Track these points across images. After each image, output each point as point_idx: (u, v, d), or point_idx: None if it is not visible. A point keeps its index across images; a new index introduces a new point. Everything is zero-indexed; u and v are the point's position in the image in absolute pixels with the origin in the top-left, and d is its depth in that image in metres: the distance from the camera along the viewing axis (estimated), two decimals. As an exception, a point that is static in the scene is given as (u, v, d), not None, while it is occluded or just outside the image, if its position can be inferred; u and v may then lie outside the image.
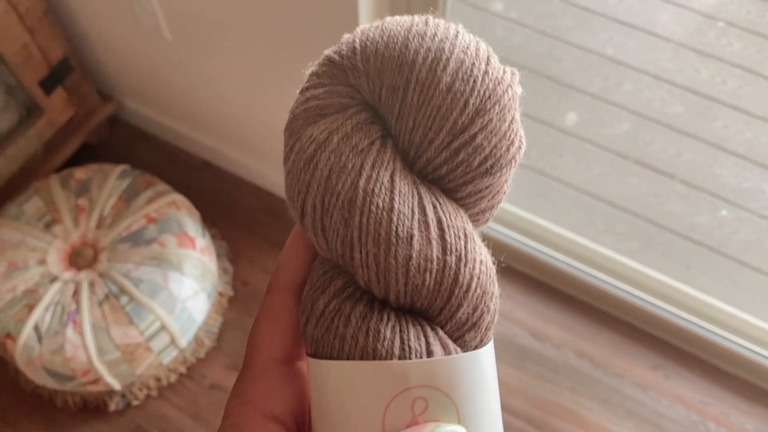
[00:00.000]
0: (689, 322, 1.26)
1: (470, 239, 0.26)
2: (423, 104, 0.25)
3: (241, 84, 1.19)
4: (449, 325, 0.26)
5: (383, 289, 0.25)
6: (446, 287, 0.25)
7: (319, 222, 0.26)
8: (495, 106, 0.26)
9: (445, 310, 0.26)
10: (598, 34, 1.70)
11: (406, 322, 0.26)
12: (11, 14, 1.14)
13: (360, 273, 0.25)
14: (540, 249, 1.32)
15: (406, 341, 0.25)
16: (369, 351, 0.25)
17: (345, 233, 0.25)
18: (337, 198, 0.25)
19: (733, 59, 1.66)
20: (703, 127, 1.57)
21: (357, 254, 0.25)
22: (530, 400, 1.23)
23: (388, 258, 0.25)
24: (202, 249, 1.20)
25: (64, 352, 1.07)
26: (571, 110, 1.59)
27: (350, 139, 0.25)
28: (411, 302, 0.26)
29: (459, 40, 0.26)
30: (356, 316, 0.25)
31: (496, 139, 0.26)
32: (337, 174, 0.25)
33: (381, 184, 0.25)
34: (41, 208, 1.18)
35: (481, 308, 0.26)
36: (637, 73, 1.64)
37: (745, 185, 1.49)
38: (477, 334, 0.27)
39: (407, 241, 0.25)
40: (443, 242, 0.25)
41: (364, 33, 0.27)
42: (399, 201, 0.25)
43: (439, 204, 0.26)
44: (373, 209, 0.24)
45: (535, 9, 1.74)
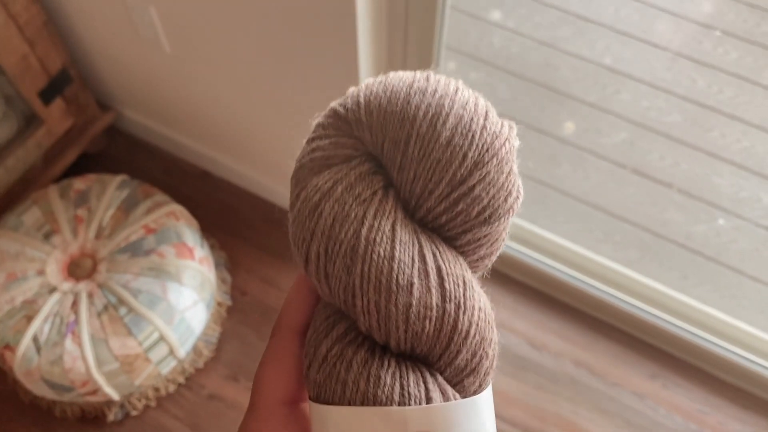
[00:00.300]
0: (687, 332, 1.26)
1: (469, 287, 0.27)
2: (424, 157, 0.26)
3: (240, 94, 1.20)
4: (448, 371, 0.27)
5: (384, 335, 0.26)
6: (445, 334, 0.26)
7: (323, 269, 0.26)
8: (493, 159, 0.27)
9: (444, 356, 0.26)
10: (595, 44, 1.71)
11: (406, 368, 0.26)
12: (11, 25, 1.15)
13: (361, 319, 0.26)
14: (538, 258, 1.32)
15: (406, 387, 0.26)
16: (370, 397, 0.25)
17: (347, 280, 0.26)
18: (340, 246, 0.26)
19: (729, 68, 1.67)
20: (700, 136, 1.57)
21: (359, 301, 0.26)
22: (529, 409, 1.24)
23: (389, 305, 0.25)
24: (201, 259, 1.20)
25: (63, 363, 1.07)
26: (568, 119, 1.60)
27: (353, 189, 0.26)
28: (411, 348, 0.26)
29: (458, 96, 0.27)
30: (358, 362, 0.26)
31: (494, 190, 0.27)
32: (341, 223, 0.26)
33: (383, 233, 0.26)
34: (40, 218, 1.18)
35: (480, 354, 0.27)
36: (635, 82, 1.65)
37: (742, 194, 1.49)
38: (476, 379, 0.27)
39: (407, 289, 0.25)
40: (442, 290, 0.26)
41: (368, 87, 0.28)
42: (400, 250, 0.26)
43: (439, 252, 0.26)
44: (374, 258, 0.25)
45: (533, 18, 1.75)
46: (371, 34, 0.96)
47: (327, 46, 0.97)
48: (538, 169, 1.52)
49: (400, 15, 0.96)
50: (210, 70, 1.18)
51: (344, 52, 0.95)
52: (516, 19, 1.74)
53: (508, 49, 1.70)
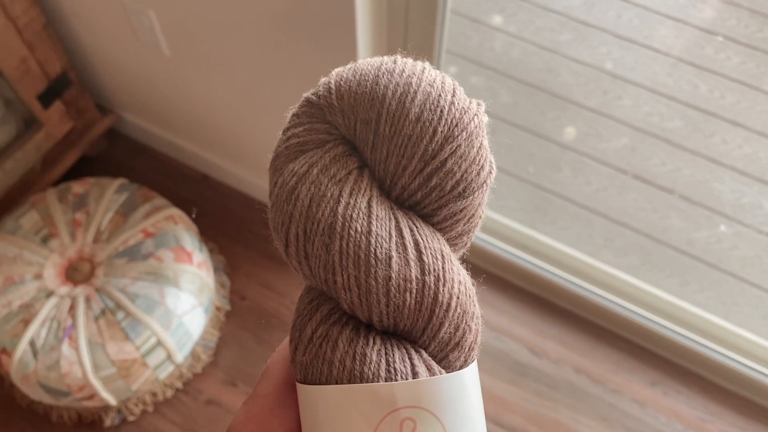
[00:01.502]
0: (688, 339, 1.26)
1: (448, 260, 0.27)
2: (395, 134, 0.27)
3: (239, 98, 1.20)
4: (433, 346, 0.27)
5: (366, 311, 0.26)
6: (427, 307, 0.26)
7: (302, 250, 0.27)
8: (463, 133, 0.27)
9: (427, 330, 0.27)
10: (597, 49, 1.70)
11: (391, 345, 0.26)
12: (10, 28, 1.14)
13: (343, 296, 0.26)
14: (538, 264, 1.32)
15: (392, 363, 0.26)
16: (356, 374, 0.26)
17: (326, 258, 0.26)
18: (317, 225, 0.26)
19: (731, 74, 1.67)
20: (701, 142, 1.57)
21: (339, 278, 0.26)
22: (528, 416, 1.23)
23: (369, 279, 0.26)
24: (199, 264, 1.20)
25: (60, 368, 1.06)
26: (569, 124, 1.60)
27: (329, 170, 0.27)
28: (394, 324, 0.26)
29: (425, 75, 0.28)
30: (343, 341, 0.26)
31: (467, 164, 0.27)
32: (317, 203, 0.26)
33: (359, 210, 0.26)
34: (38, 222, 1.18)
35: (463, 328, 0.27)
36: (636, 87, 1.64)
37: (743, 201, 1.49)
38: (461, 354, 0.28)
39: (386, 263, 0.26)
40: (421, 263, 0.26)
41: (338, 74, 0.29)
42: (376, 225, 0.26)
43: (416, 227, 0.27)
44: (352, 233, 0.26)
45: (534, 23, 1.74)
46: (371, 39, 0.96)
47: (326, 49, 0.96)
48: (539, 174, 1.52)
49: (400, 19, 0.95)
50: (209, 74, 1.18)
51: (343, 55, 0.95)
52: (517, 24, 1.74)
53: (509, 53, 1.70)
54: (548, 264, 1.32)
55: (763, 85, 1.64)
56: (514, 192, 1.49)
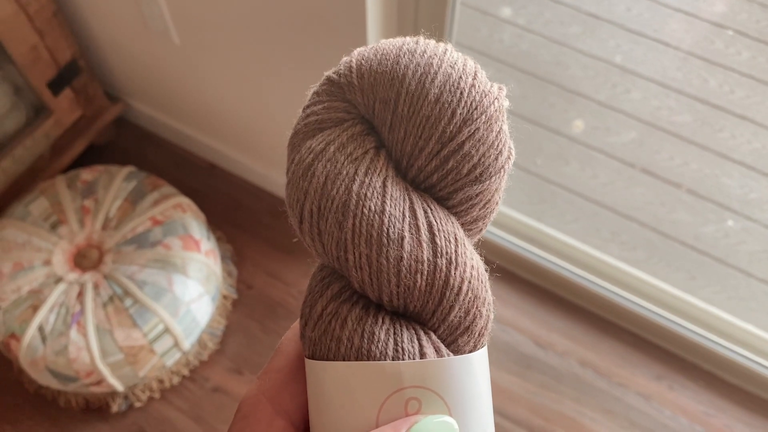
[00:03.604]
0: (694, 333, 1.25)
1: (461, 244, 0.27)
2: (413, 115, 0.27)
3: (248, 87, 1.20)
4: (442, 329, 0.27)
5: (377, 290, 0.26)
6: (437, 289, 0.26)
7: (316, 226, 0.27)
8: (482, 116, 0.27)
9: (437, 312, 0.27)
10: (606, 42, 1.70)
11: (400, 326, 0.26)
12: (21, 15, 1.15)
13: (354, 275, 0.26)
14: (545, 257, 1.32)
15: (400, 343, 0.26)
16: (364, 352, 0.26)
17: (339, 236, 0.26)
18: (332, 202, 0.26)
19: (741, 69, 1.66)
20: (710, 137, 1.56)
21: (350, 255, 0.26)
22: (533, 408, 1.23)
23: (380, 258, 0.26)
24: (207, 252, 1.20)
25: (68, 353, 1.07)
26: (578, 117, 1.59)
27: (345, 149, 0.27)
28: (404, 305, 0.26)
29: (447, 56, 0.28)
30: (352, 319, 0.26)
31: (484, 148, 0.27)
32: (333, 180, 0.26)
33: (373, 189, 0.26)
34: (47, 208, 1.18)
35: (474, 312, 0.27)
36: (645, 81, 1.64)
37: (751, 196, 1.48)
38: (470, 338, 0.28)
39: (398, 243, 0.26)
40: (434, 245, 0.26)
41: (359, 53, 0.29)
42: (390, 204, 0.26)
43: (431, 210, 0.27)
44: (365, 212, 0.26)
45: (543, 15, 1.74)
46: (381, 31, 0.95)
47: (336, 40, 0.96)
48: (547, 167, 1.51)
49: (410, 12, 0.95)
50: (219, 63, 1.18)
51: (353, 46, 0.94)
52: (526, 16, 1.74)
53: (518, 46, 1.69)
54: (555, 257, 1.32)
55: (774, 80, 1.64)
56: (521, 184, 1.49)
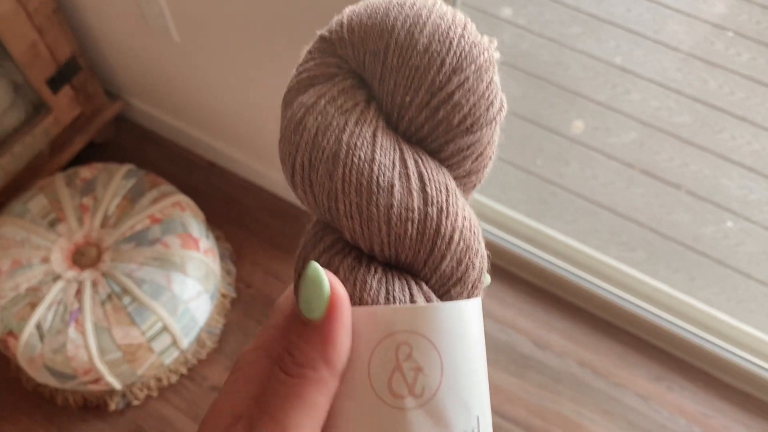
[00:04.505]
0: (692, 334, 1.25)
1: (452, 194, 0.27)
2: (402, 65, 0.27)
3: (248, 86, 1.19)
4: (434, 279, 0.27)
5: (368, 240, 0.26)
6: (428, 238, 0.26)
7: (307, 178, 0.27)
8: (471, 66, 0.27)
9: (429, 262, 0.27)
10: (606, 43, 1.70)
11: (392, 276, 0.27)
12: (20, 12, 1.14)
13: (346, 224, 0.26)
14: (543, 257, 1.32)
15: (391, 292, 0.26)
16: (356, 299, 0.26)
17: (330, 186, 0.26)
18: (322, 153, 0.26)
19: (741, 70, 1.66)
20: (710, 138, 1.56)
21: (341, 205, 0.26)
22: (531, 408, 1.23)
23: (370, 206, 0.26)
24: (206, 250, 1.20)
25: (66, 351, 1.07)
26: (578, 118, 1.59)
27: (336, 101, 0.27)
28: (396, 254, 0.27)
29: (437, 8, 0.28)
30: (344, 269, 0.27)
31: (475, 98, 0.27)
32: (323, 132, 0.26)
33: (363, 139, 0.26)
34: (46, 206, 1.18)
35: (466, 263, 0.27)
36: (645, 82, 1.64)
37: (751, 197, 1.48)
38: (463, 290, 0.28)
39: (388, 191, 0.26)
40: (424, 194, 0.26)
41: (350, 9, 0.29)
42: (380, 154, 0.26)
43: (422, 160, 0.27)
44: (355, 161, 0.26)
45: (543, 16, 1.74)
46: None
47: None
48: (546, 168, 1.51)
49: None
50: (219, 61, 1.18)
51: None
52: (527, 17, 1.74)
53: (518, 46, 1.69)
54: (554, 257, 1.32)
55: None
56: (521, 184, 1.49)
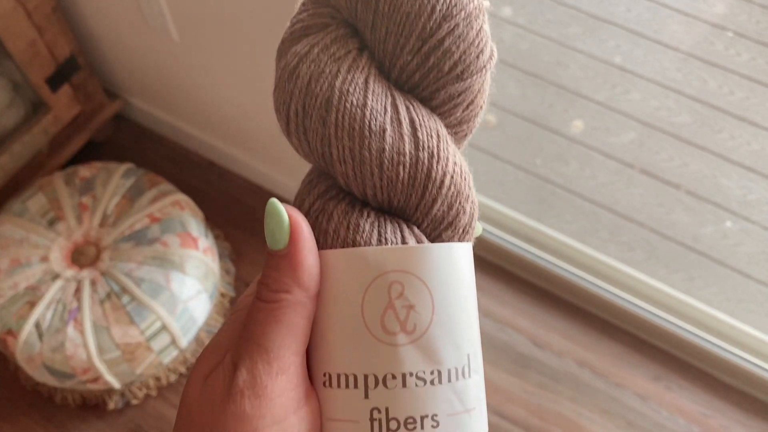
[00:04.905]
0: (692, 334, 1.25)
1: (443, 140, 0.28)
2: (393, 12, 0.27)
3: (248, 85, 1.19)
4: (426, 223, 0.28)
5: (361, 184, 0.27)
6: (420, 182, 0.27)
7: (301, 125, 0.28)
8: (461, 12, 0.27)
9: (420, 206, 0.27)
10: (606, 42, 1.70)
11: (385, 220, 0.28)
12: (19, 11, 1.14)
13: (339, 169, 0.27)
14: (543, 257, 1.32)
15: (383, 234, 0.27)
16: (349, 242, 0.27)
17: (323, 131, 0.27)
18: (315, 99, 0.27)
19: (741, 70, 1.66)
20: (709, 138, 1.56)
21: (334, 150, 0.27)
22: (530, 408, 1.23)
23: (363, 150, 0.26)
24: (205, 249, 1.20)
25: (65, 350, 1.07)
26: (577, 118, 1.59)
27: (329, 49, 0.28)
28: (388, 199, 0.27)
29: None
30: (338, 213, 0.28)
31: (465, 45, 0.27)
32: (316, 79, 0.27)
33: (355, 85, 0.27)
34: (45, 205, 1.18)
35: (457, 208, 0.28)
36: (645, 81, 1.64)
37: (750, 197, 1.48)
38: (454, 234, 0.28)
39: (380, 135, 0.26)
40: (416, 139, 0.27)
41: None
42: (372, 99, 0.27)
43: (413, 107, 0.27)
44: (347, 106, 0.26)
45: (543, 15, 1.74)
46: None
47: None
48: (546, 167, 1.51)
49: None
50: (218, 60, 1.18)
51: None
52: (526, 16, 1.74)
53: (518, 45, 1.69)
54: (553, 257, 1.32)
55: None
56: (520, 184, 1.49)
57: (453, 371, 0.26)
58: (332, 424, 0.27)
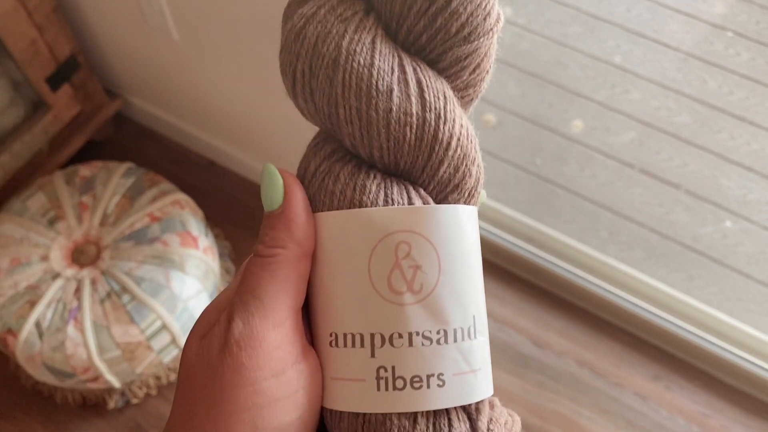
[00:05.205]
0: (691, 333, 1.26)
1: (450, 101, 0.27)
2: None
3: (248, 84, 1.19)
4: (432, 186, 0.28)
5: (368, 145, 0.27)
6: (426, 143, 0.27)
7: (308, 85, 0.28)
8: None
9: (427, 168, 0.27)
10: (606, 42, 1.70)
11: (391, 182, 0.27)
12: (20, 10, 1.14)
13: (346, 130, 0.27)
14: (542, 256, 1.32)
15: (390, 195, 0.27)
16: (356, 203, 0.27)
17: (330, 91, 0.27)
18: (322, 59, 0.27)
19: (740, 70, 1.66)
20: (709, 138, 1.56)
21: (341, 110, 0.27)
22: (530, 408, 1.23)
23: (369, 110, 0.26)
24: (205, 249, 1.20)
25: (65, 349, 1.07)
26: (577, 117, 1.59)
27: (335, 10, 0.28)
28: (395, 161, 0.27)
29: None
30: (345, 174, 0.27)
31: (472, 7, 0.27)
32: (323, 39, 0.27)
33: (363, 44, 0.27)
34: (45, 204, 1.18)
35: (463, 170, 0.28)
36: (645, 81, 1.64)
37: (750, 197, 1.48)
38: (460, 197, 0.28)
39: (387, 95, 0.26)
40: (422, 100, 0.27)
41: None
42: (379, 59, 0.27)
43: (420, 68, 0.27)
44: (354, 66, 0.26)
45: (543, 15, 1.74)
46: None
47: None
48: (546, 167, 1.51)
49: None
50: (218, 60, 1.18)
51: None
52: (527, 16, 1.74)
53: (518, 45, 1.69)
54: (553, 256, 1.32)
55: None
56: (520, 184, 1.49)
57: (459, 331, 0.27)
58: (338, 383, 0.27)
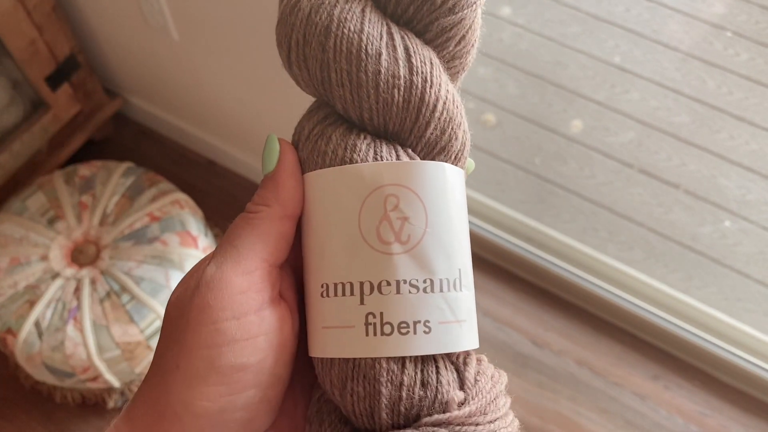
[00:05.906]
0: (690, 333, 1.26)
1: (436, 67, 0.29)
2: None
3: (247, 84, 1.20)
4: (419, 147, 0.29)
5: (358, 107, 0.29)
6: (414, 105, 0.28)
7: (302, 53, 0.29)
8: None
9: (414, 130, 0.29)
10: (605, 42, 1.70)
11: (380, 142, 0.29)
12: (19, 10, 1.14)
13: (337, 93, 0.29)
14: (542, 256, 1.32)
15: (379, 153, 0.29)
16: (347, 160, 0.28)
17: (322, 57, 0.29)
18: (315, 28, 0.29)
19: (740, 70, 1.66)
20: (708, 138, 1.56)
21: (333, 73, 0.28)
22: (529, 407, 1.23)
23: (359, 73, 0.28)
24: (205, 248, 1.20)
25: (65, 349, 1.07)
26: (576, 117, 1.59)
27: None
28: (384, 122, 0.29)
29: None
30: (336, 136, 0.29)
31: None
32: (316, 10, 0.29)
33: (353, 13, 0.28)
34: (45, 204, 1.18)
35: (449, 133, 0.29)
36: (644, 81, 1.64)
37: (749, 197, 1.49)
38: (447, 159, 0.30)
39: (376, 58, 0.28)
40: (410, 64, 0.28)
41: None
42: (369, 26, 0.28)
43: (408, 37, 0.29)
44: (345, 32, 0.28)
45: (543, 15, 1.74)
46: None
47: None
48: (545, 167, 1.51)
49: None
50: (218, 59, 1.18)
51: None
52: (526, 16, 1.74)
53: (517, 45, 1.69)
54: (552, 256, 1.32)
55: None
56: (519, 183, 1.49)
57: (445, 281, 0.28)
58: (328, 331, 0.28)
